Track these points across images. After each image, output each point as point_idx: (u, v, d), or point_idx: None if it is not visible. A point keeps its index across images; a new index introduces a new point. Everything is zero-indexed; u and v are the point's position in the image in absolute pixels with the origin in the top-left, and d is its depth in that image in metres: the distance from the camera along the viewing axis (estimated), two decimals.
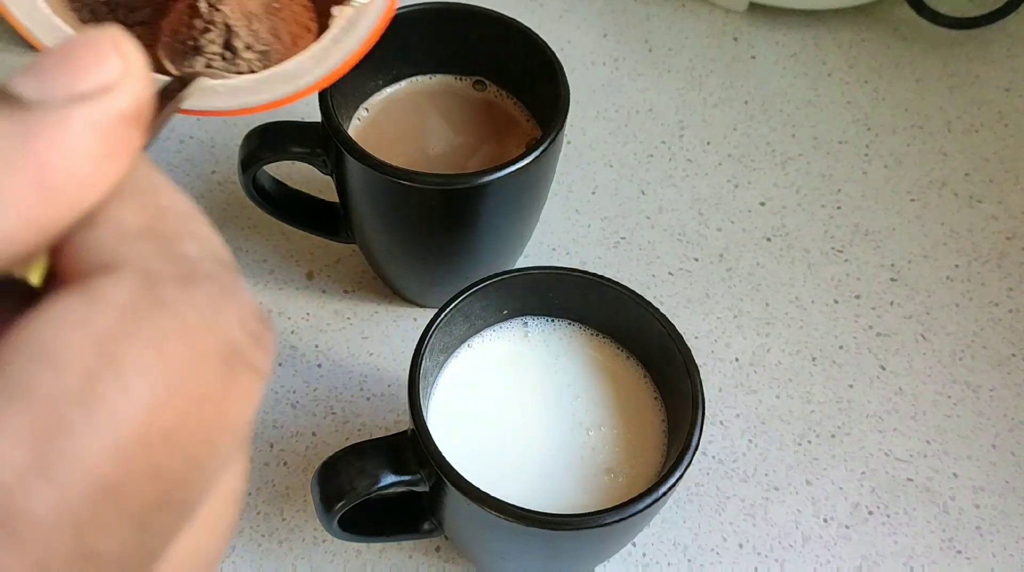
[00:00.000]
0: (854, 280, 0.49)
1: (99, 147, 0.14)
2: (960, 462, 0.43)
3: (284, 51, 0.27)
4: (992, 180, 0.53)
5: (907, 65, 0.57)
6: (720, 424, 0.44)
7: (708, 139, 0.54)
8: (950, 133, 0.55)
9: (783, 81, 0.57)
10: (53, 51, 0.14)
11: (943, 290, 0.48)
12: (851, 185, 0.52)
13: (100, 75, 0.14)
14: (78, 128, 0.14)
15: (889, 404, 0.45)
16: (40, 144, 0.13)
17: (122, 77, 0.14)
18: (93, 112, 0.14)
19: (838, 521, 0.41)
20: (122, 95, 0.14)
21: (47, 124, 0.13)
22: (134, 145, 0.15)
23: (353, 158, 0.37)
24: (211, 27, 0.26)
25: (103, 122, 0.14)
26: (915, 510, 0.42)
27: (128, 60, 0.14)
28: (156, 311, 0.13)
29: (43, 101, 0.14)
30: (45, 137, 0.13)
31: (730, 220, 0.50)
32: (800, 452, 0.43)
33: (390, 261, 0.44)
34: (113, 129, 0.14)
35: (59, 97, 0.14)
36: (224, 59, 0.26)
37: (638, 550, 0.40)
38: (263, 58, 0.26)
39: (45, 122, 0.13)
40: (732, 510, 0.41)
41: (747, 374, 0.45)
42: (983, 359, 0.46)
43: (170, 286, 0.13)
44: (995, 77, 0.57)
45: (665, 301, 0.47)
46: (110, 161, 0.14)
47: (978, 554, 0.41)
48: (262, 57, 0.26)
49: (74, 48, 0.14)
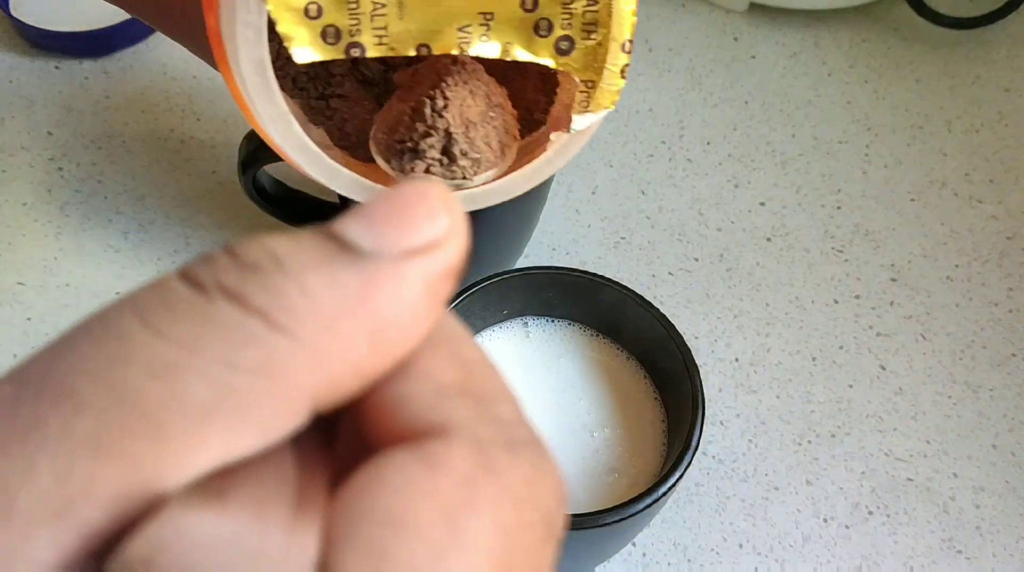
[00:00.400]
0: (854, 280, 0.49)
1: (424, 301, 0.14)
2: (960, 462, 0.43)
3: (493, 160, 0.27)
4: (992, 180, 0.53)
5: (907, 65, 0.57)
6: (720, 424, 0.44)
7: (708, 139, 0.54)
8: (950, 133, 0.54)
9: (783, 81, 0.56)
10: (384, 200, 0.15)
11: (943, 290, 0.48)
12: (851, 185, 0.52)
13: (431, 231, 0.14)
14: (411, 282, 0.14)
15: (889, 404, 0.45)
16: (377, 296, 0.14)
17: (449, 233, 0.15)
18: (424, 267, 0.14)
19: (838, 521, 0.41)
20: (449, 251, 0.15)
21: (384, 277, 0.14)
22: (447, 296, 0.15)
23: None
24: (432, 132, 0.26)
25: (431, 277, 0.14)
26: (915, 510, 0.42)
27: (454, 216, 0.15)
28: (490, 480, 0.13)
29: (379, 253, 0.14)
30: (382, 290, 0.14)
31: (730, 220, 0.50)
32: (800, 452, 0.43)
33: None
34: (438, 283, 0.15)
35: (394, 251, 0.14)
36: (442, 165, 0.26)
37: (638, 550, 0.40)
38: (475, 165, 0.27)
39: (382, 275, 0.14)
40: (732, 510, 0.41)
41: (747, 374, 0.45)
42: (983, 359, 0.46)
43: (499, 453, 0.14)
44: (995, 77, 0.57)
45: (665, 301, 0.47)
46: (430, 314, 0.15)
47: (978, 554, 0.41)
48: (474, 164, 0.27)
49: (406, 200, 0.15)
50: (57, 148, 0.51)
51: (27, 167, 0.50)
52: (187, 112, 0.53)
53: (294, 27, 0.21)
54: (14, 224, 0.48)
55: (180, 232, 0.48)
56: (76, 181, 0.50)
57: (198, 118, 0.52)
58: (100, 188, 0.50)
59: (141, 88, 0.53)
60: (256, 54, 0.22)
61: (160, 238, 0.48)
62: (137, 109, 0.53)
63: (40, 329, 0.45)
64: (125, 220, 0.49)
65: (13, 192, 0.49)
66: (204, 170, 0.50)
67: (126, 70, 0.54)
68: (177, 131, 0.52)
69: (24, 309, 0.45)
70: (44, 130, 0.52)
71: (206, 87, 0.54)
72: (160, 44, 0.55)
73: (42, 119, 0.52)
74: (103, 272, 0.47)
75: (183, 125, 0.52)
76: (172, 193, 0.50)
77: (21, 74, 0.54)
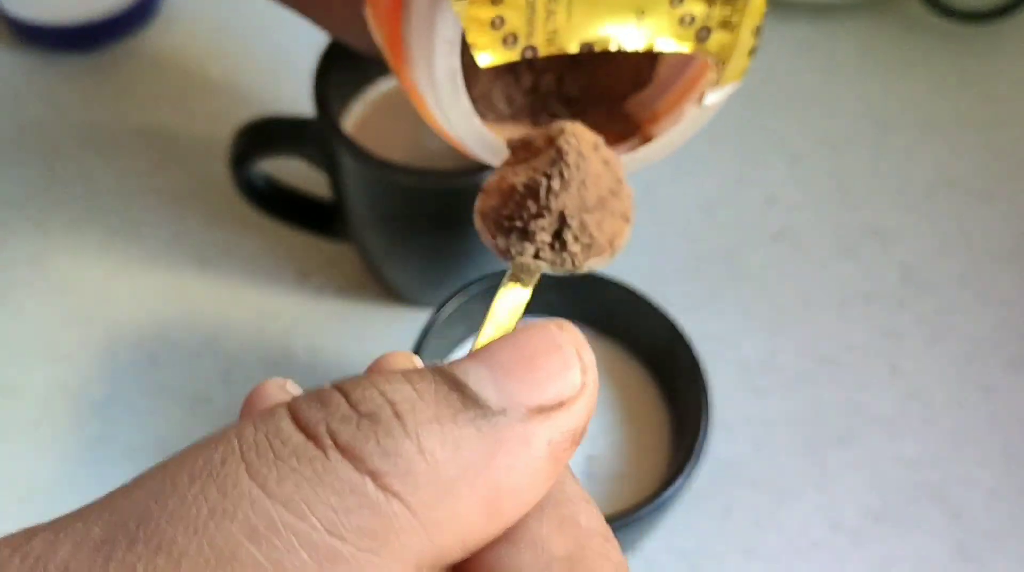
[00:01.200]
0: (863, 280, 0.48)
1: (547, 467, 0.13)
2: (972, 466, 0.43)
3: (604, 245, 0.26)
4: (1005, 177, 0.52)
5: (918, 60, 0.57)
6: (726, 428, 0.43)
7: (713, 135, 0.53)
8: (962, 129, 0.54)
9: (791, 76, 0.56)
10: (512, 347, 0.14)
11: (954, 290, 0.48)
12: (860, 182, 0.51)
13: (562, 388, 0.14)
14: (536, 447, 0.13)
15: (899, 407, 0.44)
16: (500, 462, 0.13)
17: (580, 392, 0.14)
18: (551, 429, 0.13)
19: (847, 527, 0.41)
20: (578, 413, 0.14)
21: (509, 440, 0.13)
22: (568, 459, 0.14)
23: (348, 154, 0.37)
24: (545, 213, 0.25)
25: (556, 440, 0.13)
26: (926, 515, 0.41)
27: (588, 374, 0.14)
28: None
29: (505, 411, 0.13)
30: (505, 455, 0.13)
31: (737, 218, 0.50)
32: (808, 456, 0.42)
33: (386, 260, 0.44)
34: (563, 447, 0.14)
35: (521, 410, 0.13)
36: (552, 250, 0.25)
37: (642, 557, 0.40)
38: (586, 251, 0.25)
39: (507, 438, 0.13)
40: (738, 516, 0.41)
41: (754, 377, 0.45)
42: (995, 361, 0.46)
43: None
44: (1008, 72, 0.56)
45: (670, 302, 0.46)
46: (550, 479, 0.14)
47: (989, 560, 0.40)
48: (585, 250, 0.25)
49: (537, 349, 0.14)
50: (46, 144, 0.50)
51: (16, 164, 0.50)
52: (178, 108, 0.52)
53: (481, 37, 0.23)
54: (2, 221, 0.48)
55: (171, 229, 0.48)
56: (65, 177, 0.49)
57: (189, 114, 0.52)
58: (90, 185, 0.49)
59: (131, 83, 0.53)
60: (450, 64, 0.24)
61: (150, 236, 0.48)
62: (127, 105, 0.52)
63: (28, 328, 0.44)
64: (115, 218, 0.48)
65: (1, 189, 0.49)
66: (195, 167, 0.50)
67: (116, 65, 0.54)
68: (168, 127, 0.51)
69: (13, 308, 0.45)
70: (33, 126, 0.51)
71: (197, 83, 0.53)
72: (150, 39, 0.55)
73: (31, 115, 0.52)
74: (93, 270, 0.46)
75: (174, 121, 0.52)
76: (162, 190, 0.49)
77: (9, 68, 0.53)
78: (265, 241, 0.47)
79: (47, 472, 0.41)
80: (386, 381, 0.13)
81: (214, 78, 0.53)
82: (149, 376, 0.43)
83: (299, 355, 0.44)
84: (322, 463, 0.12)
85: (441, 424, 0.13)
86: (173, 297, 0.46)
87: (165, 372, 0.43)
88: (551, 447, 0.13)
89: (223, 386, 0.43)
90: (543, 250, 0.25)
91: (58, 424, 0.42)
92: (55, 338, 0.44)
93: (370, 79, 0.43)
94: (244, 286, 0.46)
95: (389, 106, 0.43)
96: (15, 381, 0.43)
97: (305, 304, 0.46)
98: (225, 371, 0.44)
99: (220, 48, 0.55)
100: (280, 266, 0.47)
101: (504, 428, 0.13)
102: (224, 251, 0.47)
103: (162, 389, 0.43)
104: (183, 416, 0.42)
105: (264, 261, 0.47)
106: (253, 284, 0.46)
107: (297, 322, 0.45)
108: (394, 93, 0.43)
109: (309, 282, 0.46)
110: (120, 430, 0.42)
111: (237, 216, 0.48)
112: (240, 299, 0.46)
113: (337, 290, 0.46)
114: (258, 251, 0.47)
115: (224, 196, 0.48)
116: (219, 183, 0.49)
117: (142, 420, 0.42)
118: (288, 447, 0.12)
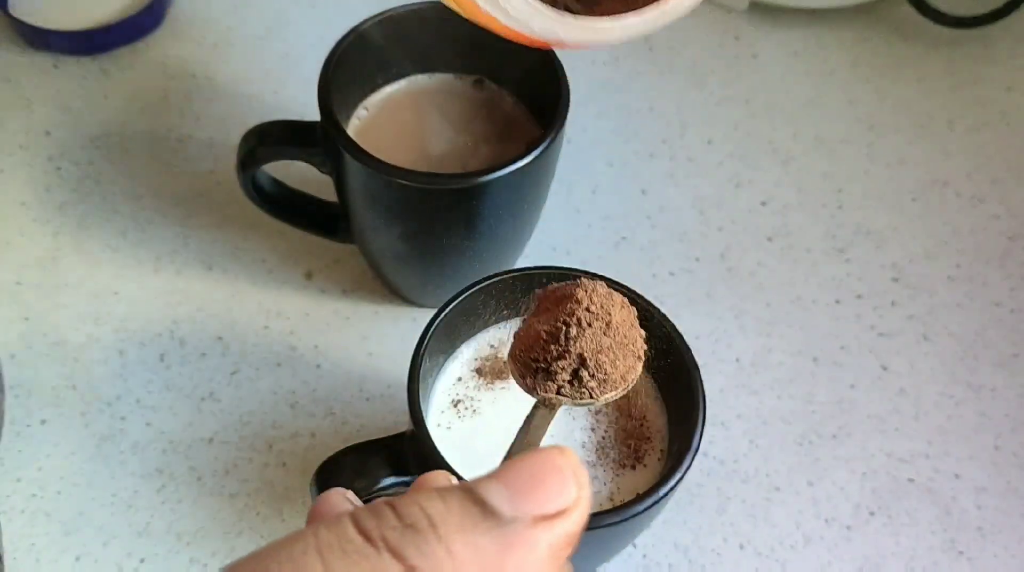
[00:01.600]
0: (856, 280, 0.48)
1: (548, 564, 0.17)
2: (962, 463, 0.43)
3: (618, 380, 0.29)
4: (994, 179, 0.52)
5: (909, 64, 0.57)
6: (721, 425, 0.43)
7: (709, 138, 0.54)
8: (952, 132, 0.54)
9: (785, 80, 0.56)
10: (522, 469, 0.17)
11: (945, 290, 0.48)
12: (853, 184, 0.52)
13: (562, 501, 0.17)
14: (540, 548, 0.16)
15: (891, 405, 0.45)
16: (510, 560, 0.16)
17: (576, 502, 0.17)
18: (552, 533, 0.17)
19: (839, 522, 0.41)
20: (574, 519, 0.17)
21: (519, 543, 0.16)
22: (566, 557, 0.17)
23: (353, 158, 0.37)
24: (565, 355, 0.28)
25: (556, 542, 0.17)
26: (917, 511, 0.42)
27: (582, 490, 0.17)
28: None
29: (515, 519, 0.16)
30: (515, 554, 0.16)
31: (731, 220, 0.50)
32: (801, 453, 0.43)
33: (389, 261, 0.44)
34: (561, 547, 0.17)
35: (528, 518, 0.17)
36: (571, 386, 0.29)
37: (639, 551, 0.40)
38: (602, 386, 0.29)
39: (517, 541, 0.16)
40: (733, 511, 0.41)
41: (748, 374, 0.45)
42: (985, 359, 0.46)
43: None
44: (997, 76, 0.57)
45: (666, 301, 0.47)
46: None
47: (980, 555, 0.41)
48: (601, 385, 0.29)
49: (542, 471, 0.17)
50: (55, 147, 0.51)
51: (25, 166, 0.50)
52: (185, 111, 0.52)
53: None
54: (12, 223, 0.48)
55: (178, 231, 0.48)
56: (74, 180, 0.50)
57: (196, 117, 0.52)
58: (98, 187, 0.49)
59: (139, 87, 0.53)
60: None
61: (158, 237, 0.48)
62: (135, 108, 0.52)
63: (38, 329, 0.45)
64: (123, 219, 0.48)
65: (11, 191, 0.49)
66: (202, 169, 0.50)
67: (124, 69, 0.54)
68: (175, 130, 0.52)
69: (22, 309, 0.45)
70: (42, 129, 0.51)
71: (204, 86, 0.53)
72: (158, 43, 0.55)
73: (40, 118, 0.52)
74: (101, 272, 0.47)
75: (181, 124, 0.52)
76: (170, 192, 0.49)
77: (19, 73, 0.54)
78: (271, 242, 0.48)
79: (57, 470, 0.41)
80: (425, 498, 0.17)
81: (221, 82, 0.54)
82: (157, 375, 0.44)
83: (304, 354, 0.45)
84: (376, 558, 0.16)
85: (464, 532, 0.16)
86: (181, 297, 0.46)
87: (173, 371, 0.44)
88: (551, 548, 0.17)
89: (230, 384, 0.44)
90: (564, 387, 0.28)
91: (68, 422, 0.42)
92: (64, 338, 0.45)
93: (375, 84, 0.44)
94: (251, 286, 0.47)
95: (393, 111, 0.44)
96: (25, 380, 0.43)
97: (310, 304, 0.46)
98: (232, 369, 0.44)
99: (227, 53, 0.55)
100: (286, 267, 0.47)
101: (513, 533, 0.16)
102: (231, 252, 0.48)
103: (170, 387, 0.43)
104: (191, 414, 0.43)
105: (270, 262, 0.48)
106: (260, 284, 0.47)
107: (303, 322, 0.46)
108: (398, 98, 0.44)
109: (314, 283, 0.47)
110: (129, 428, 0.42)
111: (244, 218, 0.48)
112: (247, 299, 0.46)
113: (342, 291, 0.47)
114: (265, 252, 0.48)
115: (231, 198, 0.49)
116: (227, 185, 0.49)
117: (150, 418, 0.43)
118: (352, 546, 0.16)
